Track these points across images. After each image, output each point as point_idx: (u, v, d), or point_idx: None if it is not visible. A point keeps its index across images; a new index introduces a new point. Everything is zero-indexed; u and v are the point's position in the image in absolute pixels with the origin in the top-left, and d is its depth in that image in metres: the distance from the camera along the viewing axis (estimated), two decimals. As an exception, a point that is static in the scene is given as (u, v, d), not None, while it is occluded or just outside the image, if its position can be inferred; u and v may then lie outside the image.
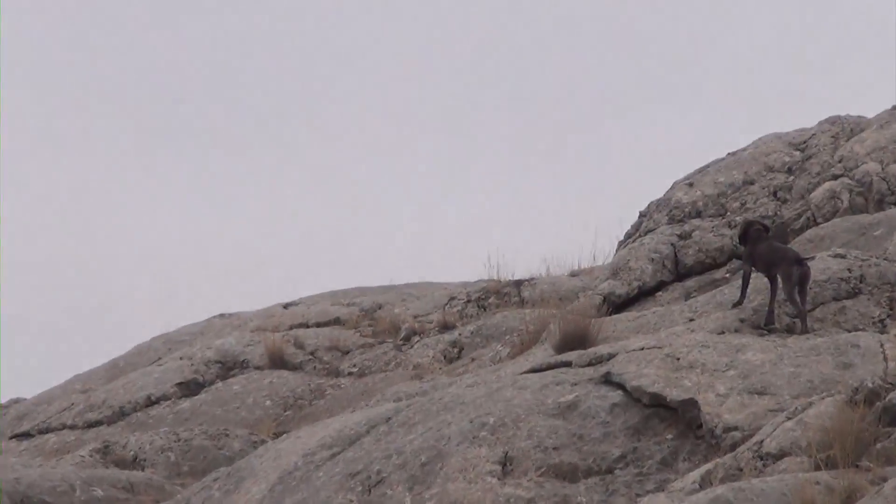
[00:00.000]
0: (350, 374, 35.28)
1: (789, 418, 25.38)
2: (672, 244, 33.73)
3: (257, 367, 35.76)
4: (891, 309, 28.90)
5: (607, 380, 28.01)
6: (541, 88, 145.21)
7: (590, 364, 28.58)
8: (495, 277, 36.08)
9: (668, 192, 37.21)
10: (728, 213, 35.00)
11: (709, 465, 25.16)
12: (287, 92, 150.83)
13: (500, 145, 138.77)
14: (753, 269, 29.83)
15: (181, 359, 36.56)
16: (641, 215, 37.03)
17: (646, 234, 35.60)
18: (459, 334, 34.47)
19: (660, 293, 32.88)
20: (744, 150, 37.61)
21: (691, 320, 30.53)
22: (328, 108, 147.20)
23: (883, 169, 34.83)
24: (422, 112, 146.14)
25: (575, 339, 30.09)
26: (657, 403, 27.19)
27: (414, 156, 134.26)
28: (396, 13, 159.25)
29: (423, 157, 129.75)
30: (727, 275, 31.98)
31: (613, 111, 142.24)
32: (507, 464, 26.83)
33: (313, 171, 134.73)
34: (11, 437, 36.47)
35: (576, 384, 27.94)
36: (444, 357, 33.99)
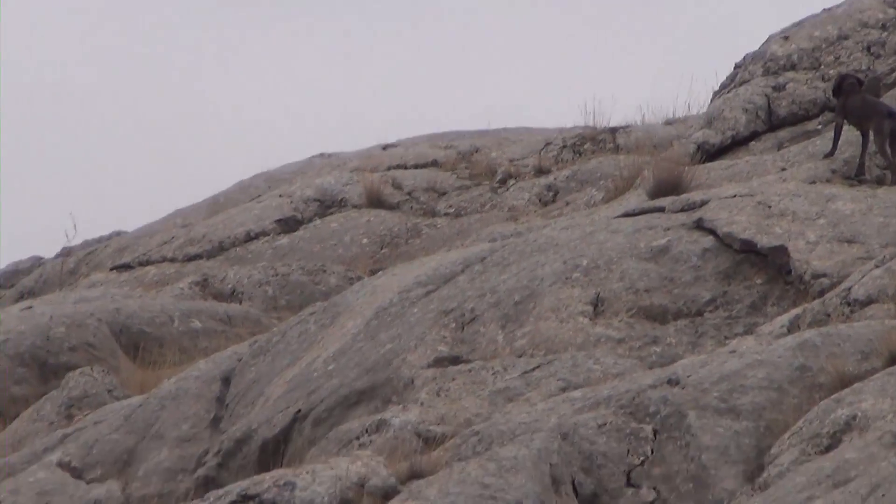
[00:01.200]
0: (446, 214, 35.38)
1: (878, 266, 25.64)
2: (766, 95, 33.76)
3: (355, 206, 35.90)
4: None
5: (699, 225, 28.22)
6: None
7: (682, 210, 28.78)
8: (591, 124, 36.09)
9: (763, 44, 37.24)
10: (822, 67, 35.01)
11: (797, 310, 25.45)
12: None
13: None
14: (846, 121, 30.02)
15: (281, 196, 36.70)
16: (737, 66, 37.03)
17: (740, 84, 35.63)
18: (555, 178, 34.56)
19: (753, 143, 32.90)
20: (839, 6, 37.66)
21: (783, 170, 30.68)
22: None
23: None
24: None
25: (668, 186, 30.29)
26: (748, 249, 27.48)
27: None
28: None
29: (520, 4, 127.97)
30: (819, 126, 32.02)
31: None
32: (599, 305, 27.11)
33: (411, 17, 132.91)
34: (112, 269, 36.78)
35: (668, 229, 28.17)
36: (539, 200, 34.12)
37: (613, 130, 36.26)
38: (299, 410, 27.36)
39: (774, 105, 33.50)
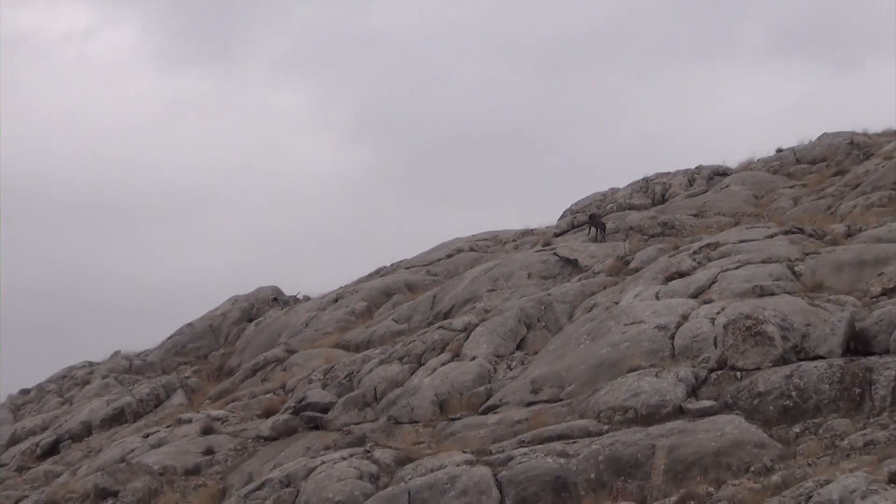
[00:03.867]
0: (490, 252, 33.07)
1: (601, 263, 24.97)
2: (571, 219, 32.55)
3: (464, 251, 34.24)
4: (626, 236, 27.90)
5: (555, 253, 27.24)
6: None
7: (550, 249, 27.85)
8: (529, 227, 34.51)
9: (570, 206, 36.00)
10: (585, 210, 33.39)
11: (580, 275, 24.67)
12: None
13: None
14: (592, 225, 29.44)
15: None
16: (563, 212, 35.44)
17: (564, 217, 34.38)
18: (517, 243, 32.76)
19: (568, 232, 31.50)
20: (597, 193, 36.27)
21: (576, 239, 29.50)
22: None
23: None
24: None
25: (546, 243, 29.28)
26: (567, 259, 26.63)
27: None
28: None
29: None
30: (584, 227, 30.58)
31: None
32: (529, 275, 26.30)
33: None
34: (405, 268, 34.18)
35: (547, 255, 27.40)
36: (513, 248, 32.57)
37: (532, 229, 34.43)
38: (454, 304, 26.65)
39: (574, 221, 32.53)
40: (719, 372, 15.56)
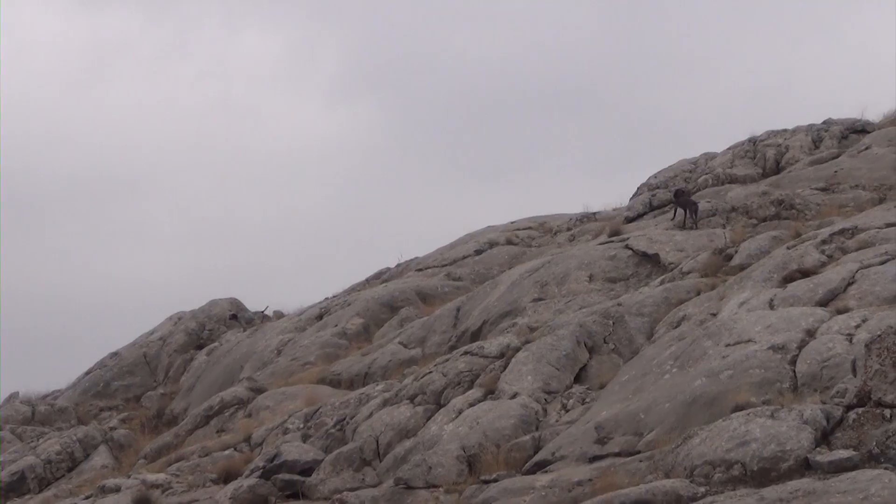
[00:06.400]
0: (535, 246, 34.64)
1: (692, 259, 25.62)
2: (649, 198, 33.38)
3: (501, 245, 35.38)
4: (727, 220, 28.63)
5: (627, 246, 27.87)
6: None
7: (620, 240, 28.53)
8: (586, 211, 35.38)
9: (647, 179, 37.19)
10: (668, 186, 34.80)
11: (663, 277, 25.39)
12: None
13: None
14: (678, 206, 29.95)
15: (476, 242, 36.00)
16: (637, 188, 36.93)
17: (639, 195, 35.46)
18: (573, 232, 33.98)
19: (645, 216, 32.44)
20: (674, 164, 37.84)
21: (656, 226, 30.29)
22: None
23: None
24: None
25: (615, 232, 29.99)
26: (644, 254, 27.24)
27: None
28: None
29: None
30: (667, 209, 31.53)
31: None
32: (591, 277, 26.98)
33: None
34: (416, 270, 36.24)
35: (616, 248, 28.02)
36: (568, 240, 33.60)
37: (595, 213, 35.61)
38: (485, 320, 27.31)
39: (653, 201, 33.20)
40: (860, 410, 15.40)
